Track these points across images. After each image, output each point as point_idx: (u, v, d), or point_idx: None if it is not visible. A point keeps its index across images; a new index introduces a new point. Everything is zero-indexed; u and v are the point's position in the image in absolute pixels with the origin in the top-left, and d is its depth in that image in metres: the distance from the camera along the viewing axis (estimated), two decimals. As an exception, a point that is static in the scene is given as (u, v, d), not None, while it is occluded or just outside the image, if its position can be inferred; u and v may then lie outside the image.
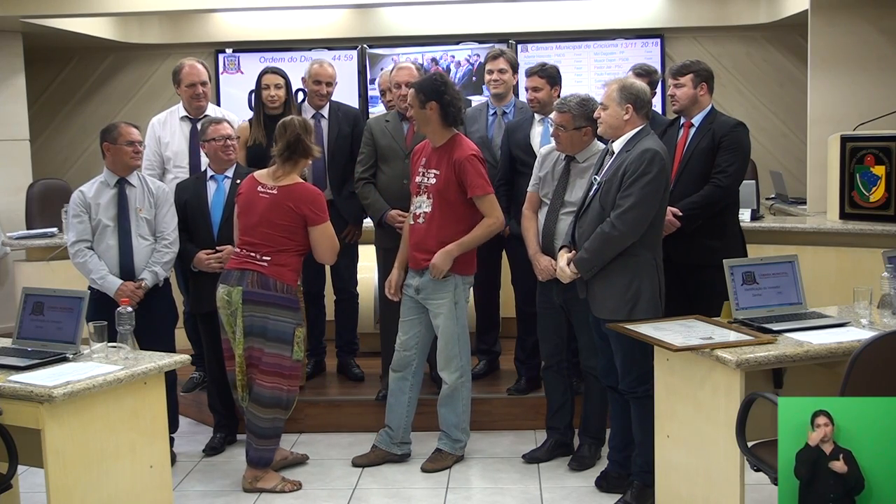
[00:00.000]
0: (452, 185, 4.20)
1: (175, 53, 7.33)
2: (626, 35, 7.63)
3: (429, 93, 4.17)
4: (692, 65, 4.34)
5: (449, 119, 4.22)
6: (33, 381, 3.19)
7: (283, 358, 4.11)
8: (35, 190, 6.61)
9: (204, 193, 4.56)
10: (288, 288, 4.11)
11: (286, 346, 4.11)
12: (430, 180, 4.25)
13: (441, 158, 4.24)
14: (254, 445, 4.21)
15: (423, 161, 4.30)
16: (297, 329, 4.13)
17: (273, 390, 4.13)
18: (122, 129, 4.36)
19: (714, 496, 3.34)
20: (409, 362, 4.42)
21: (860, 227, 5.21)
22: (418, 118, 4.26)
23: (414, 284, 4.32)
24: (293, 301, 4.13)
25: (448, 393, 4.40)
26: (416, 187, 4.30)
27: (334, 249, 4.23)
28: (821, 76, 6.12)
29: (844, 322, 3.54)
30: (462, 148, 4.23)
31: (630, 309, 3.73)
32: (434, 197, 4.23)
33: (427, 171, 4.26)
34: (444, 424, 4.45)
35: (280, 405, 4.17)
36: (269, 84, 4.95)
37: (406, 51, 7.57)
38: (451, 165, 4.20)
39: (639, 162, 3.68)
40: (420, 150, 4.39)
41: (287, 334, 4.11)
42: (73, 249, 4.35)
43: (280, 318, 4.09)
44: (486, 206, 4.23)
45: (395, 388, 4.46)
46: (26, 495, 3.99)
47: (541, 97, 4.65)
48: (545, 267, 4.11)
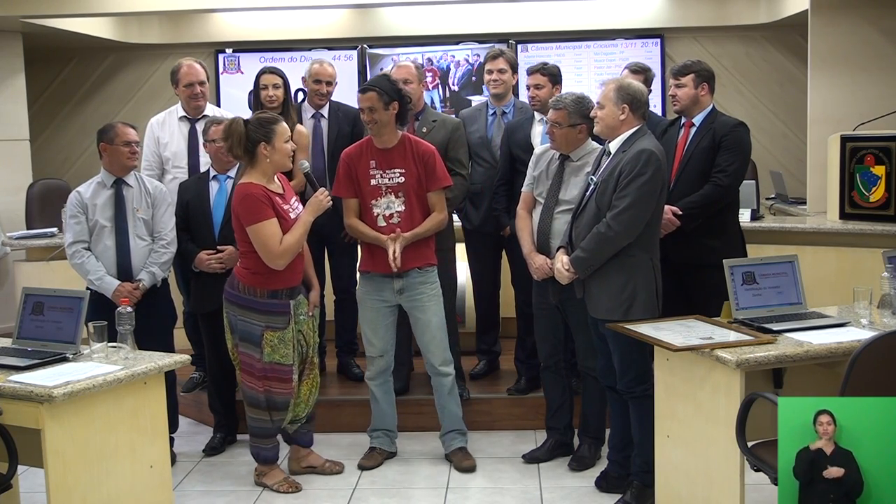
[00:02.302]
0: (421, 181, 4.25)
1: (175, 53, 7.32)
2: (626, 35, 7.63)
3: (391, 93, 4.18)
4: (693, 65, 4.34)
5: (404, 119, 4.29)
6: (33, 381, 3.19)
7: (253, 358, 4.10)
8: (35, 190, 6.61)
9: (206, 193, 4.56)
10: (249, 289, 4.05)
11: (254, 347, 4.08)
12: (397, 179, 4.24)
13: (399, 157, 4.24)
14: (249, 440, 4.29)
15: (372, 163, 4.24)
16: (266, 332, 4.05)
17: (248, 389, 4.16)
18: (119, 129, 4.36)
19: (714, 496, 3.34)
20: (387, 366, 4.44)
21: (860, 227, 5.20)
22: (382, 119, 4.18)
23: (396, 287, 4.30)
24: (255, 303, 4.05)
25: (449, 387, 4.41)
26: (377, 189, 4.24)
27: (269, 253, 3.94)
28: (821, 76, 6.12)
29: (844, 322, 3.54)
30: (424, 143, 4.33)
31: (626, 309, 3.73)
32: (408, 195, 4.24)
33: (385, 171, 4.24)
34: (452, 421, 4.46)
35: (256, 405, 4.16)
36: (266, 84, 4.94)
37: (406, 51, 7.57)
38: (419, 161, 4.23)
39: (635, 162, 3.68)
40: (356, 154, 4.29)
41: (253, 336, 4.07)
42: (71, 251, 4.35)
43: (245, 319, 4.08)
44: (443, 200, 4.33)
45: (381, 392, 4.48)
46: (26, 495, 3.99)
47: (542, 95, 4.65)
48: (540, 266, 4.11)
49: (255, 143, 3.99)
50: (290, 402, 4.17)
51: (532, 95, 4.71)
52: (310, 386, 4.26)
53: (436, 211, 4.30)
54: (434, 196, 4.29)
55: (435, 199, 4.30)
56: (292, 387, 4.15)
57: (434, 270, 4.36)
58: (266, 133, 3.99)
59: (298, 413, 4.26)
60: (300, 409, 4.25)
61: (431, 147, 4.33)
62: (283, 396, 4.15)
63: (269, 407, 4.15)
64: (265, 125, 4.01)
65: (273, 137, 3.99)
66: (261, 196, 3.96)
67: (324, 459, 4.43)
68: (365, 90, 4.21)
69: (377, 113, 4.17)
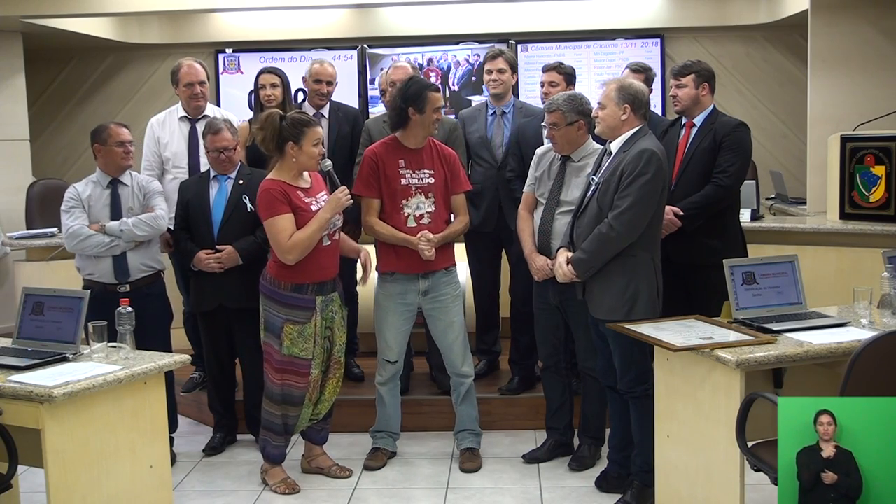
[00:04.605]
0: (447, 183, 4.30)
1: (175, 53, 7.32)
2: (626, 35, 7.63)
3: None
4: (694, 65, 4.34)
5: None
6: (33, 381, 3.19)
7: (273, 349, 4.12)
8: (35, 190, 6.61)
9: (206, 193, 4.56)
10: (274, 281, 4.09)
11: (275, 338, 4.10)
12: (427, 180, 4.25)
13: (427, 158, 4.27)
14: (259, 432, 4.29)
15: (402, 163, 4.25)
16: (287, 325, 4.07)
17: (267, 380, 4.17)
18: (112, 129, 4.37)
19: (714, 496, 3.34)
20: (398, 371, 4.46)
21: (860, 227, 5.20)
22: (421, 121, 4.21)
23: (421, 289, 4.30)
24: (278, 294, 4.08)
25: (468, 388, 4.42)
26: (407, 189, 4.26)
27: (279, 247, 4.01)
28: (821, 76, 6.12)
29: (844, 322, 3.54)
30: (445, 146, 4.38)
31: (628, 309, 3.73)
32: (437, 195, 4.27)
33: (415, 171, 4.25)
34: (467, 422, 4.47)
35: (271, 397, 4.17)
36: (265, 84, 4.95)
37: (406, 51, 7.57)
38: (444, 163, 4.28)
39: (636, 162, 3.68)
40: (382, 153, 4.29)
41: (275, 326, 4.10)
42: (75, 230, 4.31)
43: (268, 309, 4.12)
44: (466, 204, 4.38)
45: (390, 397, 4.48)
46: (26, 495, 3.99)
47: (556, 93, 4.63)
48: (541, 267, 4.10)
49: (284, 141, 4.03)
50: (304, 398, 4.16)
51: (546, 93, 4.71)
52: (334, 385, 4.28)
53: (461, 214, 4.36)
54: (458, 199, 4.34)
55: (458, 202, 4.35)
56: (308, 381, 4.14)
57: (455, 271, 4.40)
58: (296, 133, 4.02)
59: (321, 411, 4.28)
60: (322, 406, 4.27)
61: (453, 151, 4.40)
62: (299, 391, 4.15)
63: (284, 401, 4.15)
64: (297, 125, 4.04)
65: (302, 139, 4.01)
66: (277, 191, 4.01)
67: (332, 462, 4.43)
68: (438, 90, 4.29)
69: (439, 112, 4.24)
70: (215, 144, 4.48)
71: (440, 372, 4.79)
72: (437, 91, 4.23)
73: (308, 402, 4.18)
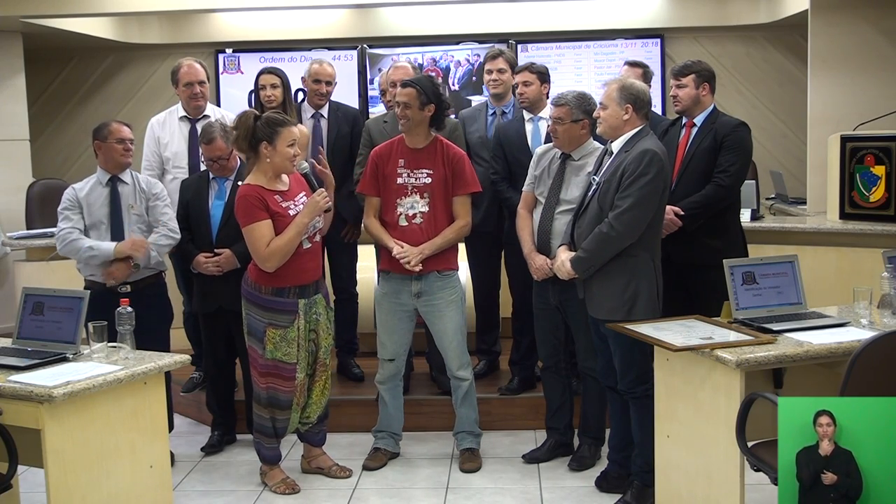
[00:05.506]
0: (448, 184, 4.24)
1: (175, 53, 7.32)
2: (626, 35, 7.63)
3: (431, 95, 4.18)
4: (694, 65, 4.34)
5: (438, 123, 4.27)
6: (33, 381, 3.19)
7: (256, 353, 4.11)
8: (35, 190, 6.61)
9: (205, 194, 4.56)
10: (255, 285, 4.07)
11: (258, 342, 4.10)
12: (424, 180, 4.23)
13: (428, 158, 4.24)
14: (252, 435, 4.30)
15: (401, 162, 4.25)
16: (269, 329, 4.05)
17: (253, 383, 4.18)
18: (112, 127, 4.37)
19: (714, 496, 3.34)
20: (397, 371, 4.45)
21: (860, 227, 5.20)
22: (414, 117, 4.19)
23: (414, 290, 4.28)
24: (260, 299, 4.06)
25: (466, 390, 4.41)
26: (403, 188, 4.25)
27: (257, 255, 3.98)
28: (821, 76, 6.12)
29: (844, 322, 3.54)
30: (455, 147, 4.33)
31: (628, 310, 3.73)
32: (433, 196, 4.23)
33: (413, 171, 4.24)
34: (466, 423, 4.46)
35: (258, 400, 4.16)
36: (265, 84, 4.94)
37: (406, 51, 7.57)
38: (447, 163, 4.23)
39: (637, 162, 3.68)
40: (385, 152, 4.30)
41: (257, 331, 4.08)
42: (62, 234, 4.30)
43: (249, 313, 4.11)
44: (468, 206, 4.30)
45: (390, 397, 4.48)
46: (26, 495, 3.98)
47: (530, 92, 4.67)
48: (540, 266, 4.10)
49: (258, 141, 3.98)
50: (292, 402, 4.15)
51: (520, 93, 4.72)
52: (321, 388, 4.26)
53: (459, 217, 4.27)
54: (459, 201, 4.27)
55: (459, 204, 4.28)
56: (294, 385, 4.13)
57: (454, 275, 4.32)
58: (270, 133, 3.97)
59: (310, 415, 4.26)
60: (312, 410, 4.26)
61: (462, 151, 4.35)
62: (285, 395, 4.13)
63: (271, 404, 4.14)
64: (271, 125, 3.98)
65: (276, 139, 3.96)
66: (253, 198, 3.97)
67: (332, 462, 4.42)
68: (406, 85, 4.21)
69: (411, 110, 4.17)
70: (208, 154, 4.48)
71: (440, 372, 4.79)
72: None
73: (296, 406, 4.17)
